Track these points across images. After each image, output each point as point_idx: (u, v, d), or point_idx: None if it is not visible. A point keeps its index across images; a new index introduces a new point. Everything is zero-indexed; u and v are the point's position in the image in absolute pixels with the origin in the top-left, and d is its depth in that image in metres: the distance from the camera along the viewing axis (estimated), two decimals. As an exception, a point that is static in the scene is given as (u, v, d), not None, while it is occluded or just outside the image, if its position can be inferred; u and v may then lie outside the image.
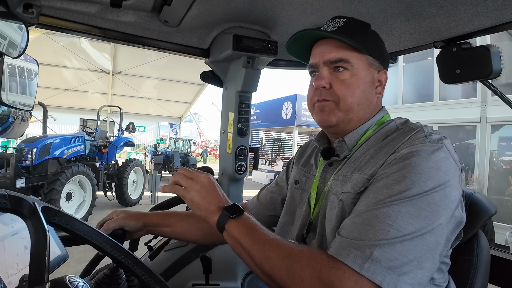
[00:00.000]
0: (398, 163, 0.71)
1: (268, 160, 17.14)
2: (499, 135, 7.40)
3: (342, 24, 0.87)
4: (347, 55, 0.85)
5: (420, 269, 0.62)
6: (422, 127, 0.80)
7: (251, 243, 0.74)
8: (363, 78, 0.86)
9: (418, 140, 0.74)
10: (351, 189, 0.78)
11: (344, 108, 0.85)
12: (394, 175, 0.70)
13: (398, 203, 0.65)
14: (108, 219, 1.07)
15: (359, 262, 0.62)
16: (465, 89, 8.00)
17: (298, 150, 1.16)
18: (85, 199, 6.63)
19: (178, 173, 0.90)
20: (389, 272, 0.60)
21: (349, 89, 0.85)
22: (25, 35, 1.10)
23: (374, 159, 0.79)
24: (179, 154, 14.62)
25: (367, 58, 0.87)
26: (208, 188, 0.86)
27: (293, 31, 1.37)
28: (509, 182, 6.65)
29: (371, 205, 0.68)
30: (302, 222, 0.93)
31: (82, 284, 0.59)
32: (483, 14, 1.01)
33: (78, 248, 0.98)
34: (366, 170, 0.78)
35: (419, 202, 0.65)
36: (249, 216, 0.81)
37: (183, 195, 0.87)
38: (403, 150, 0.73)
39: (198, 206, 0.84)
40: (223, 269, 1.44)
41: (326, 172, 0.93)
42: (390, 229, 0.63)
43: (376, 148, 0.82)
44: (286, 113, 14.93)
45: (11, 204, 0.61)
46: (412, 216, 0.64)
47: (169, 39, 1.47)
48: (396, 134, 0.82)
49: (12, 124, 4.95)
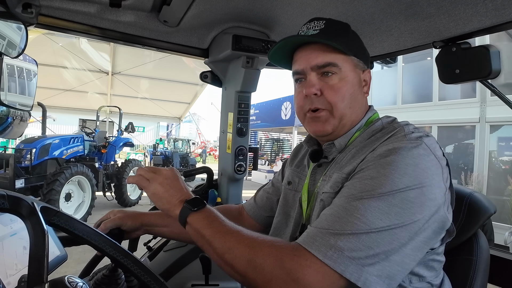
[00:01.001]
0: (375, 161, 0.71)
1: (267, 161, 17.15)
2: (498, 135, 7.41)
3: (323, 27, 0.84)
4: (334, 59, 0.83)
5: (388, 262, 0.62)
6: (403, 127, 0.79)
7: (212, 234, 0.73)
8: (351, 80, 0.85)
9: (397, 138, 0.74)
10: (330, 189, 0.79)
11: (337, 115, 0.84)
12: (369, 172, 0.70)
13: (369, 197, 0.65)
14: (105, 219, 1.07)
15: (322, 250, 0.62)
16: (464, 89, 8.01)
17: (292, 151, 1.16)
18: (84, 200, 6.62)
19: (142, 168, 0.91)
20: (353, 262, 0.60)
21: (340, 94, 0.83)
22: (24, 35, 1.09)
23: (354, 158, 0.79)
24: (178, 154, 14.62)
25: (353, 60, 0.86)
26: (172, 181, 0.85)
27: (292, 31, 1.38)
28: (508, 182, 6.65)
29: (343, 199, 0.69)
30: (295, 223, 0.92)
31: (81, 284, 0.59)
32: (483, 14, 1.01)
33: (77, 249, 0.98)
34: (345, 169, 0.78)
35: (391, 198, 0.64)
36: (211, 208, 0.80)
37: (145, 186, 0.86)
38: (381, 148, 0.73)
39: (160, 199, 0.84)
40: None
41: (315, 173, 0.92)
42: (358, 222, 0.63)
43: (358, 148, 0.82)
44: (285, 113, 14.94)
45: (10, 204, 0.61)
46: (382, 211, 0.63)
47: (168, 39, 1.47)
48: (380, 133, 0.82)
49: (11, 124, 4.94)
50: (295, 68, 0.89)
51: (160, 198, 0.84)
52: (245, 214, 1.17)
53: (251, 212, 1.16)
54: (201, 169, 1.81)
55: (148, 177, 0.87)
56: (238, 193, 1.71)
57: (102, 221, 1.05)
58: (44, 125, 7.36)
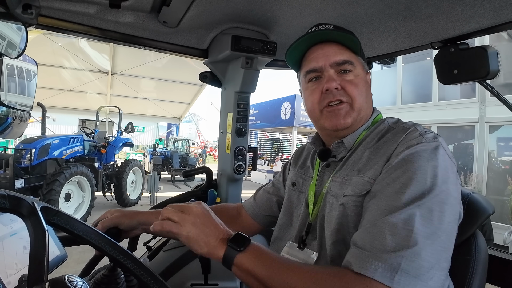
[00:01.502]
0: (402, 167, 0.71)
1: (267, 161, 17.14)
2: (498, 136, 7.41)
3: (333, 28, 0.88)
4: (350, 57, 0.88)
5: (440, 271, 0.63)
6: (415, 126, 0.81)
7: (268, 274, 0.68)
8: (363, 78, 0.90)
9: (415, 139, 0.75)
10: (352, 192, 0.79)
11: (357, 107, 0.87)
12: (401, 179, 0.69)
13: (412, 207, 0.65)
14: (103, 218, 1.07)
15: (388, 276, 0.60)
16: (463, 90, 8.02)
17: (294, 152, 1.17)
18: (84, 200, 6.62)
19: (167, 209, 0.80)
20: (418, 281, 0.60)
21: (359, 88, 0.87)
22: (24, 35, 1.10)
23: (372, 161, 0.80)
24: (178, 154, 14.61)
25: (361, 60, 0.92)
26: (204, 219, 0.77)
27: (291, 32, 1.39)
28: (507, 182, 6.65)
29: (385, 213, 0.67)
30: (301, 223, 0.93)
31: (81, 283, 0.59)
32: (481, 14, 1.01)
33: (77, 249, 0.98)
34: (365, 172, 0.79)
35: (429, 203, 0.65)
36: (257, 244, 0.74)
37: (177, 232, 0.76)
38: (403, 152, 0.74)
39: (197, 242, 0.74)
40: (222, 269, 1.42)
41: (323, 173, 0.93)
42: (411, 235, 0.62)
43: (372, 149, 0.83)
44: (285, 113, 14.93)
45: (10, 204, 0.61)
46: (425, 218, 0.64)
47: (168, 40, 1.47)
48: (390, 134, 0.83)
49: (11, 124, 4.94)
50: (311, 66, 0.90)
51: (196, 241, 0.74)
52: (244, 213, 1.18)
53: (250, 210, 1.17)
54: (201, 169, 1.81)
55: (178, 219, 0.77)
56: (238, 193, 1.72)
57: (100, 221, 1.05)
58: (44, 125, 7.35)
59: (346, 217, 0.78)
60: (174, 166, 13.67)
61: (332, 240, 0.80)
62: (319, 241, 0.85)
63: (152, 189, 7.82)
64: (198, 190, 1.72)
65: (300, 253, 0.88)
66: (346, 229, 0.78)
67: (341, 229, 0.79)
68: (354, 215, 0.77)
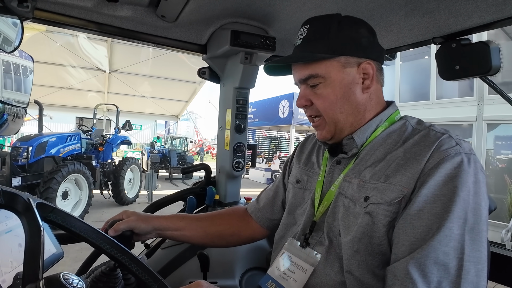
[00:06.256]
0: (447, 184, 0.67)
1: (265, 159, 17.16)
2: (495, 134, 7.44)
3: (306, 34, 0.85)
4: (314, 70, 0.83)
5: None
6: (448, 133, 0.76)
7: None
8: (339, 84, 0.82)
9: (453, 149, 0.71)
10: (381, 200, 0.73)
11: (329, 121, 0.85)
12: (446, 197, 0.67)
13: (466, 231, 0.65)
14: (118, 219, 1.03)
15: None
16: (461, 88, 8.03)
17: (296, 148, 1.13)
18: (81, 198, 6.60)
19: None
20: None
21: (327, 101, 0.84)
22: (19, 30, 1.08)
23: (404, 168, 0.73)
24: (176, 152, 14.61)
25: (338, 60, 0.82)
26: None
27: (291, 27, 1.37)
28: (505, 180, 6.69)
29: (440, 238, 0.65)
30: (305, 221, 0.90)
31: (77, 281, 0.58)
32: (483, 9, 1.01)
33: (74, 247, 0.97)
34: (396, 180, 0.73)
35: (476, 224, 0.66)
36: None
37: None
38: (444, 165, 0.69)
39: None
40: (221, 266, 1.43)
41: (333, 171, 0.89)
42: (480, 254, 0.64)
43: (397, 153, 0.77)
44: (283, 111, 14.96)
45: (5, 200, 0.60)
46: (476, 241, 0.65)
47: (166, 35, 1.45)
48: (417, 137, 0.77)
49: (6, 121, 4.91)
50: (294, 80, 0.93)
51: None
52: (249, 217, 1.15)
53: (254, 214, 1.14)
54: (199, 166, 1.80)
55: None
56: (236, 190, 1.70)
57: (114, 221, 1.01)
58: (41, 123, 7.33)
59: (372, 226, 0.73)
60: (172, 164, 13.67)
61: (354, 250, 0.75)
62: (329, 244, 0.82)
63: (150, 187, 7.79)
64: (197, 187, 1.71)
65: (301, 252, 0.86)
66: (371, 239, 0.74)
67: (363, 239, 0.74)
68: (382, 226, 0.72)
